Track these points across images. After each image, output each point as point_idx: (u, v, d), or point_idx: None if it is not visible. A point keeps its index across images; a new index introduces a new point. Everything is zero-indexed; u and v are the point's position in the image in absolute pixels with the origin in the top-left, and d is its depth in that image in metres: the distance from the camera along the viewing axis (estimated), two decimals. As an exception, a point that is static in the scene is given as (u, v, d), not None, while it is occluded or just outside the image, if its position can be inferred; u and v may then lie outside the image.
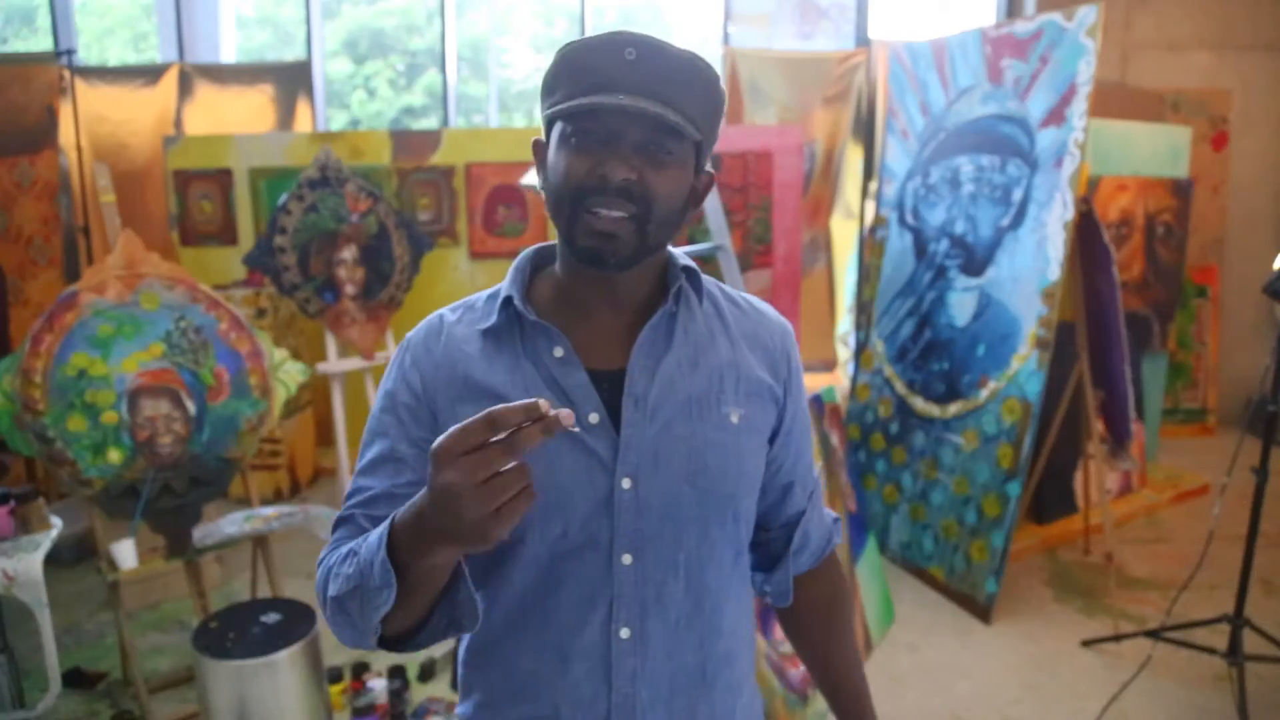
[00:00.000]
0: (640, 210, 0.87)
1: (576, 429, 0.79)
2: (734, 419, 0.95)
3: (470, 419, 0.71)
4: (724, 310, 1.01)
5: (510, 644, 0.95)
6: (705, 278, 1.01)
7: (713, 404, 0.95)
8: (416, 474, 0.93)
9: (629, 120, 0.85)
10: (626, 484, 0.90)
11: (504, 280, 0.98)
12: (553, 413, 0.70)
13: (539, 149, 0.95)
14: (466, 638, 1.00)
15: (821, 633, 1.14)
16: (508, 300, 0.94)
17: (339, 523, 0.97)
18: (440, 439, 0.72)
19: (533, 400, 0.70)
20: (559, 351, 0.92)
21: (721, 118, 0.92)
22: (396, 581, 0.79)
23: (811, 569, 1.12)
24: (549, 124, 0.91)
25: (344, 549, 0.89)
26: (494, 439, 0.70)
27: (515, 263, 0.98)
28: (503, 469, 0.71)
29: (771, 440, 1.02)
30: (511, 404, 0.71)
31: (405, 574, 0.79)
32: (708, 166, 0.96)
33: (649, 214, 0.87)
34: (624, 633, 0.92)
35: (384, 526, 0.81)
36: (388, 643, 0.88)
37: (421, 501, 0.77)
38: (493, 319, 0.94)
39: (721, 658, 0.98)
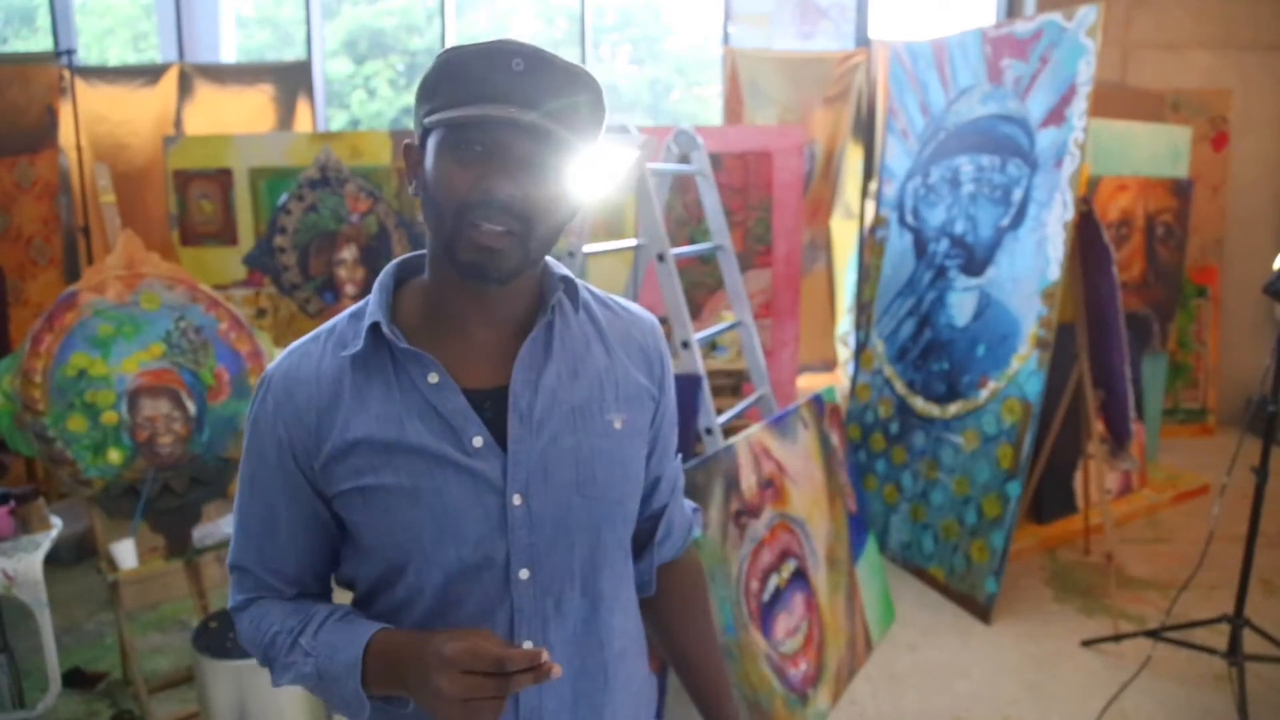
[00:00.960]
0: (522, 227, 0.85)
1: (558, 676, 0.82)
2: (617, 425, 0.95)
3: (483, 648, 0.80)
4: (597, 316, 1.00)
5: None
6: (580, 284, 0.99)
7: (595, 412, 0.94)
8: (294, 522, 0.95)
9: (515, 133, 0.83)
10: (517, 500, 0.89)
11: (369, 298, 0.94)
12: (545, 663, 0.79)
13: (410, 153, 0.92)
14: None
15: (680, 621, 1.15)
16: (375, 327, 0.90)
17: (234, 568, 0.99)
18: (452, 649, 0.81)
19: (536, 651, 0.79)
20: (433, 377, 0.89)
21: (599, 133, 0.90)
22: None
23: (672, 559, 1.13)
24: (426, 130, 0.88)
25: (275, 625, 0.95)
26: (492, 672, 0.79)
27: (379, 280, 0.95)
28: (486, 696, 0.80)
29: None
30: (520, 652, 0.79)
31: (369, 685, 0.88)
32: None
33: (531, 231, 0.85)
34: (526, 645, 0.92)
35: (353, 654, 0.88)
36: None
37: (403, 655, 0.86)
38: (359, 345, 0.90)
39: (617, 657, 1.00)
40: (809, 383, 4.92)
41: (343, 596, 0.99)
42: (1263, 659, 2.61)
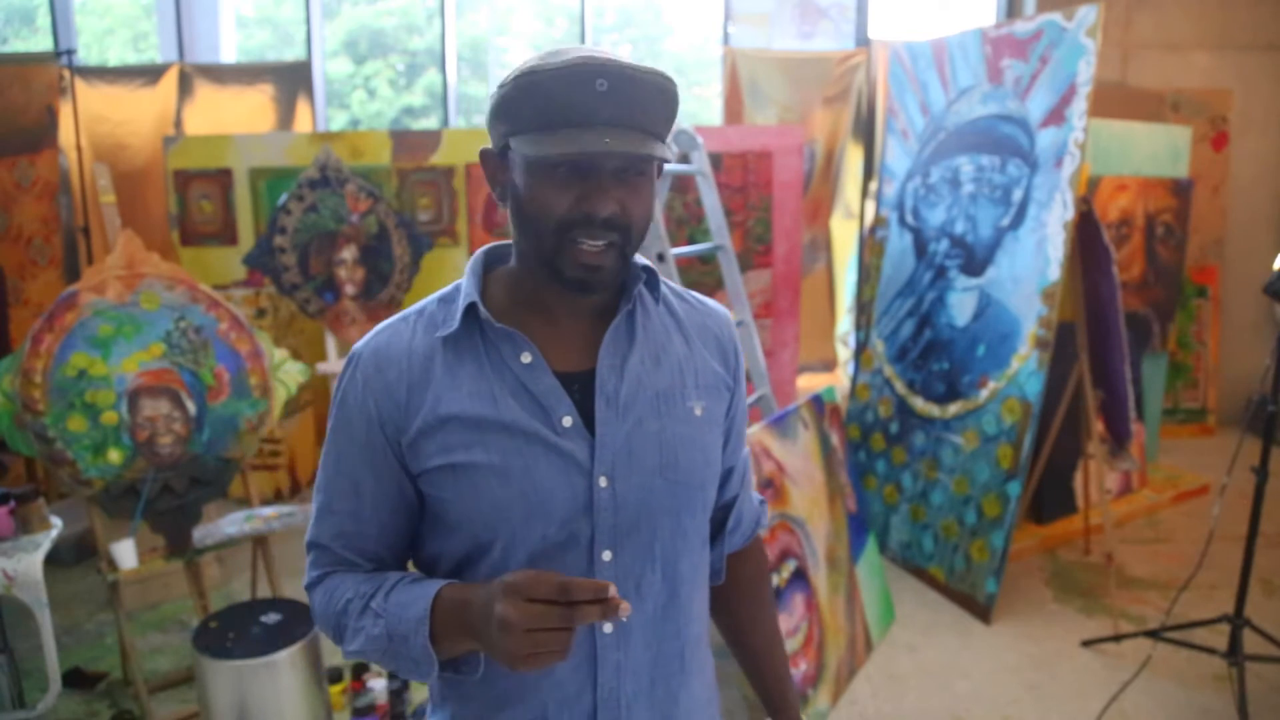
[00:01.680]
0: (622, 239, 0.89)
1: (626, 618, 0.81)
2: (697, 411, 0.98)
3: (547, 576, 0.79)
4: (675, 307, 1.03)
5: None
6: (660, 277, 1.02)
7: (677, 398, 0.97)
8: (379, 499, 0.95)
9: (608, 154, 0.85)
10: (603, 482, 0.91)
11: (460, 282, 0.97)
12: (613, 597, 0.78)
13: (489, 161, 0.94)
14: None
15: (746, 611, 1.17)
16: (470, 306, 0.93)
17: (312, 546, 0.99)
18: (515, 577, 0.80)
19: (605, 583, 0.78)
20: (527, 357, 0.92)
21: (675, 124, 0.94)
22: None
23: (739, 549, 1.15)
24: (509, 146, 0.89)
25: (348, 593, 0.94)
26: (559, 601, 0.78)
27: (470, 264, 0.98)
28: (552, 627, 0.78)
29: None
30: (585, 581, 0.78)
31: (439, 643, 0.88)
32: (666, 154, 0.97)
33: (629, 240, 0.90)
34: (607, 627, 0.94)
35: (422, 607, 0.87)
36: None
37: (470, 599, 0.85)
38: (454, 326, 0.93)
39: (694, 642, 1.02)
40: (809, 383, 4.92)
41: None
42: (1263, 659, 2.61)
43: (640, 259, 1.00)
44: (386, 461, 0.93)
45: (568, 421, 0.91)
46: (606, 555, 0.92)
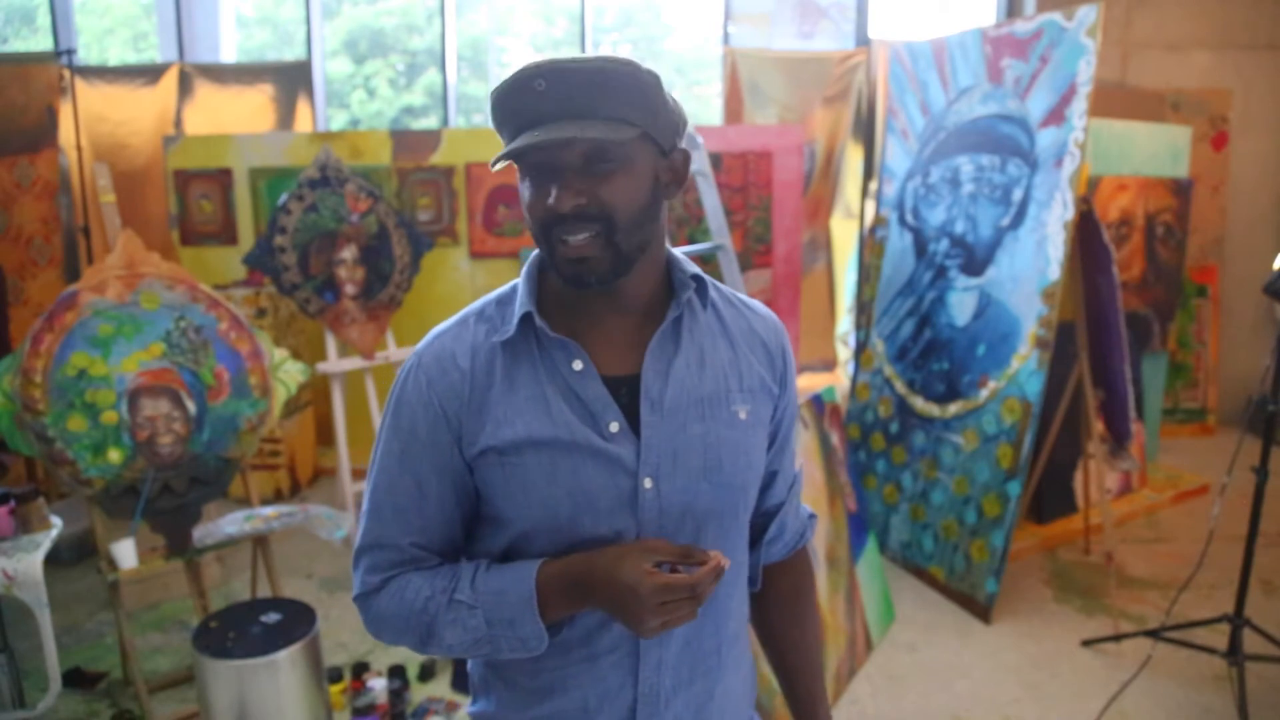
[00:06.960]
0: (605, 227, 0.90)
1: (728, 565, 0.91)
2: (742, 415, 0.99)
3: (676, 582, 0.87)
4: (723, 313, 1.04)
5: None
6: (710, 282, 1.03)
7: (722, 402, 0.98)
8: (443, 495, 0.97)
9: (559, 149, 0.88)
10: (648, 484, 0.94)
11: (517, 285, 1.00)
12: (723, 563, 0.89)
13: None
14: None
15: (782, 622, 1.17)
16: (527, 315, 0.96)
17: (369, 550, 0.99)
18: (644, 585, 0.87)
19: (717, 564, 0.88)
20: (578, 364, 0.94)
21: (660, 97, 0.91)
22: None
23: (782, 560, 1.15)
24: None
25: (424, 590, 0.96)
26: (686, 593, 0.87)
27: (526, 270, 1.00)
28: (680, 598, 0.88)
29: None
30: (704, 570, 0.88)
31: (545, 618, 0.92)
32: (679, 144, 0.96)
33: (614, 227, 0.90)
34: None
35: (527, 587, 0.92)
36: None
37: (586, 570, 0.91)
38: (511, 332, 0.96)
39: (731, 638, 1.04)
40: (809, 383, 4.92)
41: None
42: (1263, 659, 2.61)
43: (691, 266, 1.01)
44: (450, 458, 0.96)
45: (614, 427, 0.94)
46: None
